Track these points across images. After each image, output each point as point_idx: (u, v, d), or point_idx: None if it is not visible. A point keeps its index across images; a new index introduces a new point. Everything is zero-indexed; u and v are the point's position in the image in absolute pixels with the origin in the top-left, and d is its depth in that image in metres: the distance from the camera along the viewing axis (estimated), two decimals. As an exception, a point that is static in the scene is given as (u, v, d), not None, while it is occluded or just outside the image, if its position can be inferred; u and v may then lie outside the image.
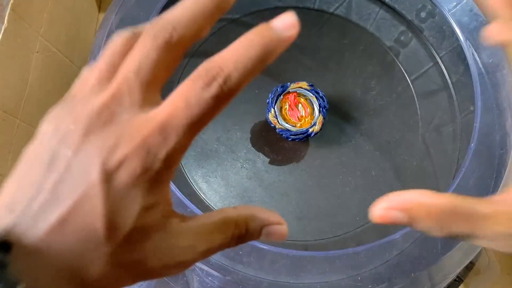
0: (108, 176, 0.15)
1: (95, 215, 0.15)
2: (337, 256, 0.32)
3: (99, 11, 0.56)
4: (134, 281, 0.17)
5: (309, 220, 0.42)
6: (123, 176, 0.15)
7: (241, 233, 0.19)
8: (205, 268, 0.32)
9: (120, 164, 0.15)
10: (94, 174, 0.15)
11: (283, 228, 0.19)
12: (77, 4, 0.49)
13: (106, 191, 0.15)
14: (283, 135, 0.43)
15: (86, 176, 0.15)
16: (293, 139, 0.44)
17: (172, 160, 0.16)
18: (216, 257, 0.33)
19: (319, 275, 0.31)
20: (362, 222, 0.42)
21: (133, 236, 0.16)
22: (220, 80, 0.16)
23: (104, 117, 0.16)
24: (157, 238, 0.17)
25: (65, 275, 0.15)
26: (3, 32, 0.35)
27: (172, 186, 0.33)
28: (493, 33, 0.23)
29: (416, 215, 0.18)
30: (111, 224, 0.15)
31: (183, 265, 0.18)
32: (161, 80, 0.17)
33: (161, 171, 0.16)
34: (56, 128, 0.16)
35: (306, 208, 0.42)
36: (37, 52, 0.40)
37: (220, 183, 0.43)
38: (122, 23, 0.39)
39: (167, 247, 0.17)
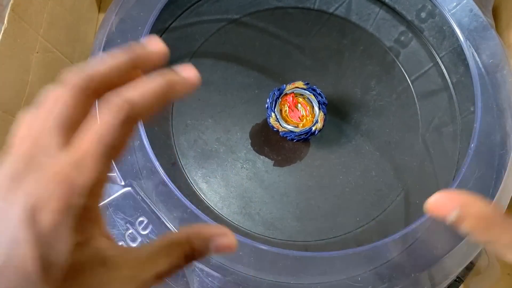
0: (31, 220, 0.15)
1: (26, 260, 0.15)
2: (337, 256, 0.32)
3: (99, 11, 0.56)
4: None
5: (309, 220, 0.42)
6: (47, 217, 0.15)
7: (186, 252, 0.19)
8: (205, 269, 0.32)
9: (42, 206, 0.15)
10: (19, 222, 0.15)
11: (229, 239, 0.19)
12: (77, 5, 0.49)
13: (32, 235, 0.15)
14: (288, 137, 0.43)
15: (13, 226, 0.15)
16: (297, 140, 0.44)
17: (95, 193, 0.16)
18: (216, 258, 0.33)
19: (319, 275, 0.31)
20: (362, 223, 0.42)
21: (70, 274, 0.16)
22: (126, 106, 0.17)
23: (25, 165, 0.16)
24: (96, 273, 0.17)
25: None
26: (3, 32, 0.35)
27: (172, 186, 0.33)
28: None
29: (467, 213, 0.20)
30: (44, 266, 0.15)
31: None
32: (78, 123, 0.17)
33: (85, 206, 0.16)
34: None
35: (306, 208, 0.42)
36: (37, 52, 0.40)
37: (220, 183, 0.43)
38: (122, 23, 0.39)
39: (108, 281, 0.17)
